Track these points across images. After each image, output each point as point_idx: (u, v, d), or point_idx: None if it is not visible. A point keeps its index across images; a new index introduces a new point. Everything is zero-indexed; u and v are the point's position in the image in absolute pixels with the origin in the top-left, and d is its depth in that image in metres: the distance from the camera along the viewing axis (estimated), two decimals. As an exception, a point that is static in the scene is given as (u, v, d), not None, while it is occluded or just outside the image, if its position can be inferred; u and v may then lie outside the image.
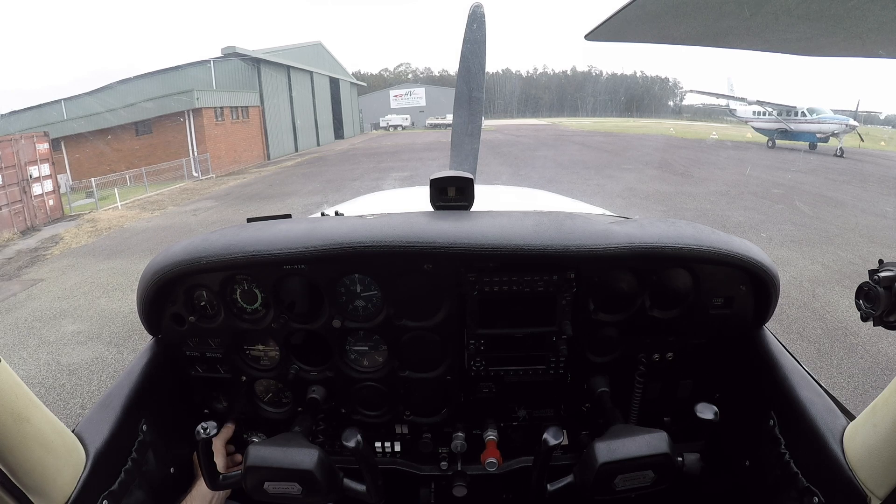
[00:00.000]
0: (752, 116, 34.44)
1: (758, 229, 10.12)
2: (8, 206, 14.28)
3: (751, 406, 1.39)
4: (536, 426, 1.54)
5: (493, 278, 1.33)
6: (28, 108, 29.98)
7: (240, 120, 32.96)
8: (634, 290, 1.40)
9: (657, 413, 1.55)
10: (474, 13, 1.72)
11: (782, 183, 16.30)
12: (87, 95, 29.96)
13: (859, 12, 0.81)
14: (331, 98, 49.88)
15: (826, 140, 27.53)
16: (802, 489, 1.12)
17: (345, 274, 1.38)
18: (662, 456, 1.17)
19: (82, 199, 19.69)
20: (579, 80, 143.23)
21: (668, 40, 1.10)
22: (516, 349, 1.41)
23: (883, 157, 27.28)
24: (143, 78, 31.90)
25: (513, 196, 3.27)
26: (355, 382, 1.50)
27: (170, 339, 1.48)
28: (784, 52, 1.11)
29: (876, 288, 0.91)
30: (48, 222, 15.53)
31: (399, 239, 1.27)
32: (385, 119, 74.17)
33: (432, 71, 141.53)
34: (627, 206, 12.15)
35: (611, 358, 1.47)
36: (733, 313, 1.43)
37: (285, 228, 1.39)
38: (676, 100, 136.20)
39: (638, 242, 1.28)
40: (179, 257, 1.33)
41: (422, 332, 1.43)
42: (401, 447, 1.60)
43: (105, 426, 1.21)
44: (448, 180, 1.46)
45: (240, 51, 33.25)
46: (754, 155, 26.23)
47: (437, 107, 75.17)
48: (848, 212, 12.05)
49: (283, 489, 1.17)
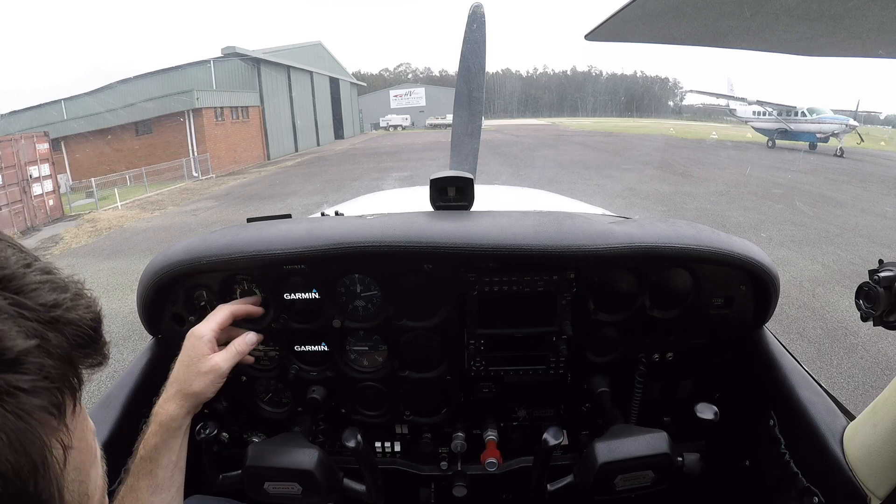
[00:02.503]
0: (752, 116, 34.48)
1: (758, 229, 10.13)
2: (8, 206, 14.29)
3: (751, 406, 1.39)
4: (536, 426, 1.54)
5: (493, 278, 1.33)
6: (28, 108, 30.01)
7: (240, 120, 32.98)
8: (634, 290, 1.40)
9: (657, 413, 1.55)
10: (474, 13, 1.71)
11: (782, 183, 16.31)
12: (87, 95, 29.98)
13: (859, 12, 0.81)
14: (331, 98, 49.90)
15: (826, 140, 27.54)
16: (802, 489, 1.12)
17: (345, 274, 1.38)
18: (662, 456, 1.17)
19: (82, 199, 19.70)
20: (579, 80, 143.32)
21: (668, 40, 1.10)
22: (516, 349, 1.42)
23: (883, 157, 27.30)
24: (143, 78, 31.93)
25: (513, 196, 3.27)
26: (355, 382, 1.50)
27: (170, 339, 1.48)
28: (784, 52, 1.11)
29: (876, 288, 0.91)
30: (48, 222, 15.54)
31: (399, 239, 1.28)
32: (385, 119, 74.21)
33: (432, 71, 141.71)
34: (627, 206, 12.15)
35: (611, 358, 1.47)
36: (733, 313, 1.43)
37: (285, 228, 1.39)
38: (676, 100, 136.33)
39: (638, 242, 1.28)
40: (179, 257, 1.33)
41: (422, 332, 1.43)
42: (401, 447, 1.60)
43: (105, 426, 1.21)
44: (448, 180, 1.46)
45: (240, 51, 33.27)
46: (754, 155, 26.24)
47: (437, 107, 75.20)
48: (848, 212, 12.06)
49: (283, 489, 1.18)
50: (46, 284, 0.43)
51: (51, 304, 0.41)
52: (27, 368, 0.37)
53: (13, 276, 0.41)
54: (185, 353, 1.17)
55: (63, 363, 0.40)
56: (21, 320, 0.39)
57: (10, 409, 0.35)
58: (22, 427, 0.35)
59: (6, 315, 0.38)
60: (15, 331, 0.38)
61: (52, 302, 0.42)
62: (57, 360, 0.40)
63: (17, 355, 0.37)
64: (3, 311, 0.38)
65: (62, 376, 0.40)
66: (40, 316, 0.40)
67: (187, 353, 1.16)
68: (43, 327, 0.40)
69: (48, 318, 0.41)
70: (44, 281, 0.43)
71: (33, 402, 0.37)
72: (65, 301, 0.43)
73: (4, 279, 0.40)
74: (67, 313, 0.42)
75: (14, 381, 0.36)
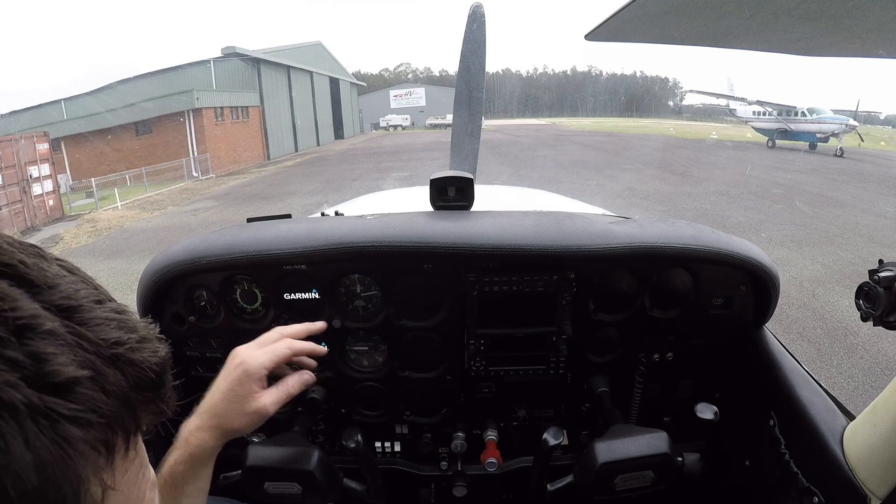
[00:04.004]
0: (752, 116, 34.48)
1: (758, 229, 10.13)
2: (8, 207, 14.30)
3: (751, 406, 1.39)
4: (536, 426, 1.54)
5: (493, 278, 1.33)
6: (28, 108, 30.02)
7: (240, 120, 32.98)
8: (634, 290, 1.40)
9: (657, 413, 1.55)
10: (474, 13, 1.71)
11: (782, 183, 16.31)
12: (87, 95, 29.99)
13: (859, 12, 0.81)
14: (331, 98, 49.90)
15: (826, 140, 27.54)
16: (802, 489, 1.12)
17: (345, 274, 1.38)
18: (662, 456, 1.17)
19: (82, 199, 19.71)
20: (579, 80, 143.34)
21: (668, 40, 1.10)
22: (516, 349, 1.42)
23: (883, 157, 27.29)
24: (142, 78, 31.94)
25: (513, 196, 3.27)
26: (355, 382, 1.50)
27: (170, 339, 1.47)
28: (784, 52, 1.11)
29: (876, 288, 0.91)
30: (48, 222, 15.55)
31: (399, 239, 1.28)
32: (385, 119, 74.21)
33: (432, 71, 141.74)
34: (627, 206, 12.15)
35: (611, 358, 1.47)
36: (733, 313, 1.43)
37: (285, 228, 1.39)
38: (676, 100, 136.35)
39: (638, 242, 1.29)
40: (179, 257, 1.33)
41: (422, 332, 1.43)
42: (401, 447, 1.60)
43: None
44: (448, 180, 1.46)
45: (240, 51, 33.27)
46: (754, 155, 26.24)
47: (437, 107, 75.20)
48: (848, 212, 12.06)
49: (283, 489, 1.18)
50: (114, 322, 0.41)
51: (113, 342, 0.40)
52: (75, 398, 0.36)
53: (80, 309, 0.40)
54: (229, 383, 1.01)
55: (119, 402, 0.39)
56: (79, 350, 0.37)
57: (45, 433, 0.34)
58: (56, 454, 0.34)
59: (63, 342, 0.37)
60: (69, 358, 0.36)
61: (116, 339, 0.40)
62: (112, 397, 0.38)
63: (65, 381, 0.35)
64: (60, 338, 0.37)
65: (115, 415, 0.38)
66: (101, 351, 0.39)
67: (232, 385, 1.01)
68: (101, 362, 0.38)
69: (109, 355, 0.39)
70: (111, 318, 0.41)
71: (75, 432, 0.35)
72: (130, 341, 0.41)
73: (70, 309, 0.39)
74: (131, 353, 0.41)
75: (54, 405, 0.34)
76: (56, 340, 0.36)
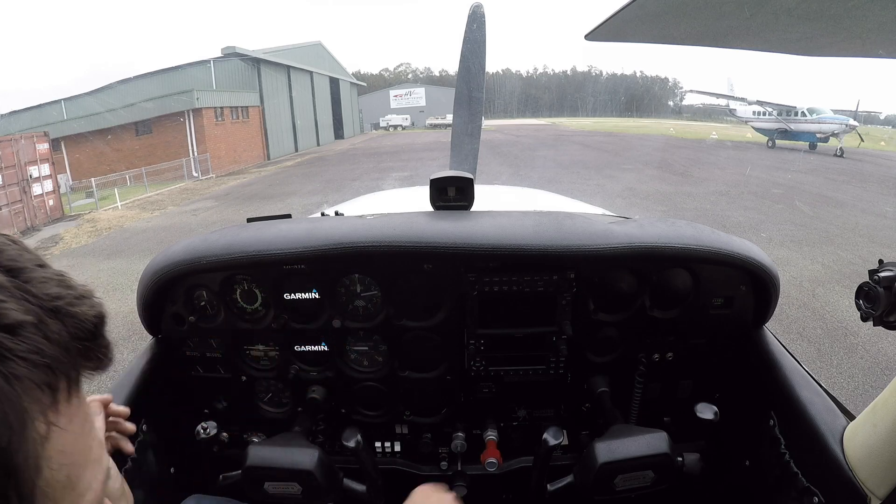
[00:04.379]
0: (752, 116, 34.44)
1: (758, 229, 10.12)
2: (8, 206, 14.29)
3: (751, 406, 1.39)
4: (536, 426, 1.54)
5: (493, 278, 1.33)
6: (28, 108, 29.98)
7: (240, 120, 32.96)
8: (634, 290, 1.40)
9: (657, 413, 1.55)
10: (474, 13, 1.72)
11: (782, 183, 16.30)
12: (87, 95, 29.96)
13: (859, 12, 0.81)
14: (331, 98, 49.86)
15: (826, 140, 27.52)
16: (802, 489, 1.12)
17: (345, 274, 1.38)
18: (662, 456, 1.17)
19: (82, 199, 19.69)
20: (579, 80, 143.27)
21: (668, 40, 1.10)
22: (516, 349, 1.41)
23: (883, 157, 27.28)
24: (142, 78, 31.89)
25: (513, 196, 3.27)
26: (355, 382, 1.50)
27: (170, 339, 1.48)
28: (784, 52, 1.11)
29: (876, 288, 0.91)
30: (48, 222, 15.53)
31: (399, 239, 1.28)
32: (385, 119, 74.16)
33: (432, 71, 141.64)
34: (627, 206, 12.15)
35: (611, 358, 1.47)
36: (733, 313, 1.43)
37: (285, 228, 1.39)
38: (676, 100, 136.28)
39: (638, 242, 1.28)
40: (179, 257, 1.33)
41: (422, 332, 1.43)
42: (401, 447, 1.60)
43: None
44: (448, 180, 1.46)
45: (240, 51, 33.23)
46: (754, 155, 26.22)
47: (437, 107, 75.14)
48: (848, 212, 12.05)
49: (283, 489, 1.18)
50: (54, 280, 0.45)
51: (54, 296, 0.44)
52: (21, 339, 0.39)
53: (24, 270, 0.44)
54: None
55: (60, 349, 0.42)
56: (23, 302, 0.41)
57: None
58: (5, 388, 0.37)
59: (10, 294, 0.41)
60: (16, 305, 0.40)
61: (56, 294, 0.44)
62: (54, 344, 0.42)
63: (13, 323, 0.39)
64: (8, 290, 0.41)
65: (57, 359, 0.42)
66: (43, 304, 0.42)
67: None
68: (44, 313, 0.42)
69: (51, 307, 0.43)
70: (52, 278, 0.45)
71: (21, 369, 0.38)
72: (69, 296, 0.45)
73: (15, 269, 0.43)
74: (70, 307, 0.44)
75: (8, 343, 0.38)
76: (4, 292, 0.41)
